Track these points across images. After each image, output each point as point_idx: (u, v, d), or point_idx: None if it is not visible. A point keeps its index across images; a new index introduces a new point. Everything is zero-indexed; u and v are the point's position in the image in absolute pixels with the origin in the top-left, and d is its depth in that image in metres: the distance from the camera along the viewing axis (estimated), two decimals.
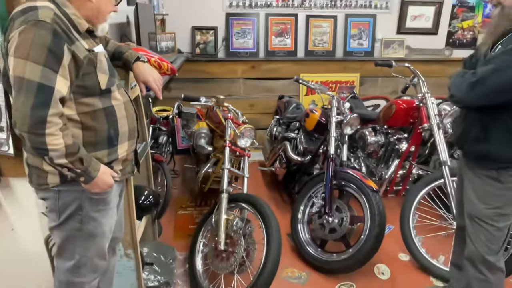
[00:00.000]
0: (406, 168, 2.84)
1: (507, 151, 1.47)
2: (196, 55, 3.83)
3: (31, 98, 1.12)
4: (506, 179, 1.50)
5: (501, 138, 1.48)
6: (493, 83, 1.39)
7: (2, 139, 1.68)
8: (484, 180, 1.57)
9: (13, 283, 2.02)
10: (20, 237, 1.92)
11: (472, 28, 4.04)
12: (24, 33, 1.12)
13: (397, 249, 2.52)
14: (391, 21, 3.95)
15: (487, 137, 1.51)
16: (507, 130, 1.46)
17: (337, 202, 2.35)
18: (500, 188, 1.53)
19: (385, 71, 3.87)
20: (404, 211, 2.40)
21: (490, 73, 1.40)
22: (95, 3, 1.28)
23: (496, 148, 1.49)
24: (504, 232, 1.59)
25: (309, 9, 3.83)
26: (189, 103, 2.71)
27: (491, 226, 1.57)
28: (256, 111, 4.04)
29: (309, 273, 2.30)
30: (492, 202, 1.56)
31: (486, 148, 1.52)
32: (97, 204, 1.38)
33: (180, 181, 3.49)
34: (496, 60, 1.41)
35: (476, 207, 1.61)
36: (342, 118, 2.52)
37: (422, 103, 2.58)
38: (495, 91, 1.41)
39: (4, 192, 1.84)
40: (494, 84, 1.39)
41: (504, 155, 1.48)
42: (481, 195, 1.59)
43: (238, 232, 2.02)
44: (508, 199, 1.54)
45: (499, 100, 1.43)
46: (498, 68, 1.38)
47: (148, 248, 2.20)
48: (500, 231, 1.58)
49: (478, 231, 1.61)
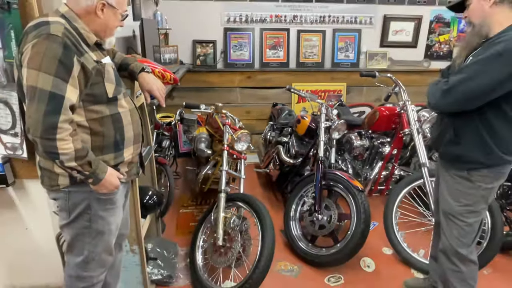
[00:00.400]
0: (389, 169, 2.85)
1: (477, 153, 1.48)
2: (197, 66, 3.83)
3: (43, 106, 1.11)
4: (476, 179, 1.52)
5: (472, 141, 1.49)
6: (463, 90, 1.40)
7: (16, 144, 1.67)
8: (456, 179, 1.58)
9: (27, 277, 2.01)
10: (33, 235, 1.91)
11: (448, 41, 4.08)
12: (36, 46, 1.12)
13: (381, 244, 2.52)
14: (374, 35, 3.98)
15: (460, 140, 1.52)
16: (478, 134, 1.46)
17: (326, 201, 2.35)
18: (470, 187, 1.54)
19: (370, 81, 3.90)
20: (387, 209, 2.40)
21: (461, 81, 1.41)
22: (103, 19, 1.28)
23: (467, 150, 1.50)
24: (474, 228, 1.60)
25: (300, 25, 3.85)
26: (190, 110, 2.71)
27: (462, 222, 1.59)
28: (252, 117, 4.04)
29: (301, 267, 2.29)
30: (463, 200, 1.57)
31: (459, 150, 1.53)
32: (105, 203, 1.37)
33: (182, 182, 3.48)
34: (467, 70, 1.42)
35: (449, 205, 1.62)
36: (331, 123, 2.53)
37: (403, 110, 2.59)
38: (465, 98, 1.41)
39: (18, 193, 1.83)
40: (464, 92, 1.40)
41: (474, 157, 1.49)
42: (454, 193, 1.60)
43: (235, 229, 2.02)
44: (477, 198, 1.55)
45: (470, 106, 1.43)
46: (468, 77, 1.39)
47: (152, 244, 2.18)
48: (470, 226, 1.58)
49: (451, 227, 1.63)
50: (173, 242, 2.36)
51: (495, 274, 2.23)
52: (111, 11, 1.28)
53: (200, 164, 3.04)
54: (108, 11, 1.28)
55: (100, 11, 1.26)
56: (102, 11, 1.26)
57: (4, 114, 1.62)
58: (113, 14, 1.30)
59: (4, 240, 1.91)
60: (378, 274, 2.25)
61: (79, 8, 1.25)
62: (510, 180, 2.35)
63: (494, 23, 1.42)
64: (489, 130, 1.45)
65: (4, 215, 1.86)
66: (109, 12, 1.28)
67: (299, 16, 3.81)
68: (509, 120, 1.43)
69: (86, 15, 1.26)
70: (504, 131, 1.44)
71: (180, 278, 2.15)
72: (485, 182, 1.52)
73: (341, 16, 3.86)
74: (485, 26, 1.44)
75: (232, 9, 3.72)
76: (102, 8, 1.26)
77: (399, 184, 2.44)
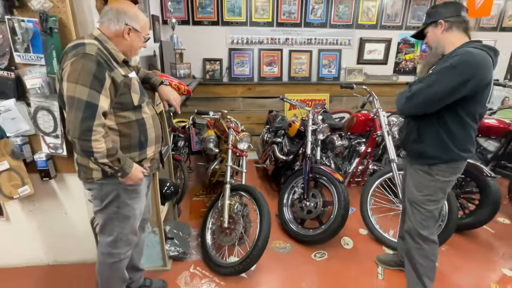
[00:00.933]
0: (364, 164, 2.86)
1: (437, 150, 1.48)
2: (206, 80, 3.83)
3: (81, 113, 1.12)
4: (436, 172, 1.52)
5: (432, 140, 1.49)
6: (423, 96, 1.41)
7: (58, 144, 1.67)
8: (419, 173, 1.58)
9: (67, 254, 2.01)
10: (71, 219, 1.92)
11: (412, 59, 4.08)
12: (75, 63, 1.12)
13: (358, 225, 2.52)
14: (352, 54, 3.97)
15: (422, 140, 1.52)
16: (437, 134, 1.47)
17: (312, 191, 2.35)
18: (430, 180, 1.54)
19: (348, 92, 3.89)
20: (363, 197, 2.41)
21: (421, 88, 1.42)
22: (129, 41, 1.28)
23: (428, 148, 1.50)
24: (434, 214, 1.60)
25: (291, 46, 3.84)
26: (201, 116, 2.71)
27: (424, 209, 1.59)
28: (252, 122, 4.03)
29: (292, 245, 2.30)
30: (424, 191, 1.57)
31: (422, 148, 1.53)
32: (131, 193, 1.38)
33: (194, 175, 3.48)
34: (425, 79, 1.43)
35: (413, 194, 1.62)
36: (316, 127, 2.53)
37: (376, 115, 2.59)
38: (425, 103, 1.42)
39: (59, 185, 1.83)
40: (423, 97, 1.41)
41: (434, 153, 1.49)
42: (417, 185, 1.60)
43: (238, 214, 2.03)
44: (436, 189, 1.55)
45: (429, 110, 1.43)
46: (426, 86, 1.40)
47: (169, 226, 2.19)
48: (430, 212, 1.59)
49: (415, 212, 1.63)
50: (187, 225, 2.36)
51: (451, 250, 2.24)
52: (135, 34, 1.29)
53: (209, 161, 3.04)
54: (133, 35, 1.29)
55: (127, 34, 1.27)
56: (129, 35, 1.27)
57: (47, 119, 1.63)
58: (137, 37, 1.30)
59: (48, 223, 1.92)
60: (355, 250, 2.25)
61: (109, 32, 1.25)
62: (464, 174, 2.36)
63: (447, 44, 1.46)
64: (447, 131, 1.45)
65: (48, 203, 1.86)
66: (134, 35, 1.29)
67: (290, 39, 3.81)
68: (463, 123, 1.43)
69: (115, 38, 1.26)
70: (459, 132, 1.44)
71: (192, 254, 2.15)
72: (443, 176, 1.52)
73: (325, 39, 3.85)
74: (440, 47, 1.48)
75: (235, 33, 3.72)
76: (129, 32, 1.27)
77: (373, 176, 2.45)
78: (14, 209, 1.87)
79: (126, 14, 1.24)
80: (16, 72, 1.55)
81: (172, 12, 3.52)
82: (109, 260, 1.44)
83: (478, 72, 1.32)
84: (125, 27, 1.25)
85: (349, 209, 2.15)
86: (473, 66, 1.32)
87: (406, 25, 3.89)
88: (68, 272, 1.95)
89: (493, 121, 2.73)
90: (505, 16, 3.98)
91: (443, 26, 1.45)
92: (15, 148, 1.65)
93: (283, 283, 1.93)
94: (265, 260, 2.07)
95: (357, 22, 3.80)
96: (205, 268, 2.02)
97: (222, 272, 1.94)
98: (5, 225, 1.90)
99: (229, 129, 2.37)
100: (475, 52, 1.34)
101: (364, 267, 2.07)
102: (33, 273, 1.95)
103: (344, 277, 1.98)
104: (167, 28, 3.47)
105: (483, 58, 1.33)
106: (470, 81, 1.32)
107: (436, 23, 1.47)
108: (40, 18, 1.44)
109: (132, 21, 1.26)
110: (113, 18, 1.23)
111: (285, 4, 3.65)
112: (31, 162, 1.72)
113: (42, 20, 1.44)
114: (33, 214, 1.88)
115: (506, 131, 2.76)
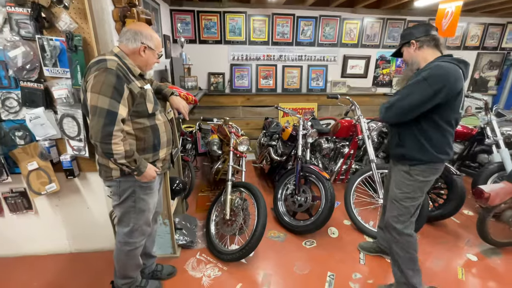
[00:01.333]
0: (348, 164, 2.87)
1: (416, 153, 1.46)
2: (211, 91, 3.83)
3: (102, 120, 1.12)
4: (415, 173, 1.50)
5: (412, 144, 1.47)
6: (399, 107, 1.40)
7: (81, 147, 1.66)
8: (401, 173, 1.55)
9: (88, 243, 1.99)
10: (93, 212, 1.90)
11: (388, 74, 4.11)
12: (97, 76, 1.12)
13: (342, 217, 2.52)
14: (337, 69, 3.99)
15: (404, 143, 1.50)
16: (415, 139, 1.45)
17: (303, 187, 2.35)
18: (410, 179, 1.52)
19: (334, 101, 3.92)
20: (347, 192, 2.41)
21: (396, 100, 1.41)
22: (144, 57, 1.29)
23: (409, 151, 1.48)
24: (410, 210, 1.55)
25: (284, 62, 3.86)
26: (206, 123, 2.71)
27: (400, 205, 1.56)
28: (250, 127, 4.03)
29: (285, 234, 2.29)
30: (403, 189, 1.54)
31: (403, 151, 1.51)
32: (145, 189, 1.37)
33: (200, 173, 3.46)
34: (401, 91, 1.42)
35: (393, 192, 1.60)
36: (306, 132, 2.54)
37: (358, 122, 2.60)
38: (400, 113, 1.40)
39: (82, 182, 1.82)
40: (399, 108, 1.39)
41: (414, 155, 1.47)
42: (398, 183, 1.57)
43: (238, 207, 2.02)
44: (415, 188, 1.51)
45: (404, 118, 1.42)
46: (401, 98, 1.39)
47: (178, 218, 2.17)
48: (406, 208, 1.55)
49: (392, 208, 1.60)
50: (194, 217, 2.35)
51: (423, 239, 2.24)
52: (150, 52, 1.29)
53: (213, 161, 3.04)
54: (148, 52, 1.29)
55: (143, 51, 1.27)
56: (144, 52, 1.27)
57: (72, 125, 1.62)
58: (152, 54, 1.31)
59: (72, 216, 1.90)
60: (340, 239, 2.25)
61: (127, 49, 1.26)
62: None
63: (421, 60, 1.46)
64: (425, 136, 1.43)
65: (72, 198, 1.84)
66: (149, 52, 1.29)
67: (283, 56, 3.82)
68: (439, 127, 1.41)
69: (133, 54, 1.27)
70: (436, 136, 1.42)
71: (199, 243, 2.14)
72: (423, 176, 1.48)
73: (313, 56, 3.87)
74: (414, 63, 1.48)
75: (236, 50, 3.73)
76: (144, 50, 1.27)
77: (355, 174, 2.45)
78: (42, 204, 1.85)
79: (142, 34, 1.25)
80: (45, 84, 1.54)
81: (181, 32, 3.52)
82: (125, 248, 1.42)
83: (448, 82, 1.30)
84: (141, 45, 1.25)
85: (334, 203, 2.15)
86: (442, 77, 1.30)
87: (383, 44, 3.93)
88: (89, 258, 1.93)
89: (458, 127, 2.75)
90: (468, 37, 4.03)
91: (415, 45, 1.45)
92: (43, 150, 1.64)
93: (277, 267, 1.92)
94: (262, 247, 2.06)
95: (341, 41, 3.83)
96: (209, 255, 2.01)
97: (225, 258, 1.93)
98: (34, 217, 1.88)
99: (231, 133, 2.37)
100: (445, 65, 1.33)
101: (348, 253, 2.07)
102: (59, 260, 1.93)
103: (330, 262, 1.98)
104: (177, 46, 3.47)
105: (452, 70, 1.32)
106: (442, 91, 1.30)
107: (409, 43, 1.47)
108: (67, 37, 1.44)
109: (147, 40, 1.26)
110: (130, 37, 1.24)
111: (279, 26, 3.67)
112: (57, 162, 1.70)
113: (68, 39, 1.44)
114: (58, 208, 1.87)
115: (469, 135, 2.78)
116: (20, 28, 1.45)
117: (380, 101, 4.12)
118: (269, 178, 3.23)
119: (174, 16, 3.49)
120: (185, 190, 2.07)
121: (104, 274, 1.78)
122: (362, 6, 3.54)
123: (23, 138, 1.63)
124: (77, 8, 1.44)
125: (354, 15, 3.72)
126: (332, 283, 1.79)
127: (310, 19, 3.68)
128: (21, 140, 1.63)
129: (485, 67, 4.21)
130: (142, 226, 1.42)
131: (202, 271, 1.87)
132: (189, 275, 1.83)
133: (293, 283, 1.79)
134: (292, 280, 1.81)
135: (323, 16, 3.68)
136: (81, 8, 1.44)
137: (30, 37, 1.46)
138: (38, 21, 1.41)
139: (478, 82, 4.25)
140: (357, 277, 1.84)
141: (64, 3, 1.38)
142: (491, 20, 3.97)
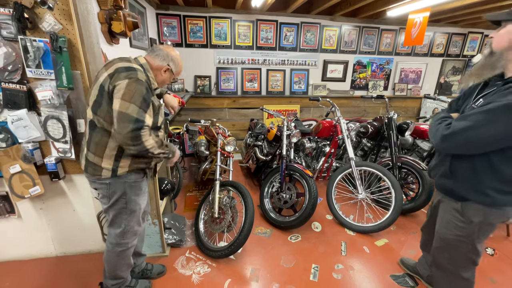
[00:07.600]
0: (329, 162, 2.92)
1: (469, 191, 1.12)
2: (198, 93, 3.78)
3: (131, 125, 1.13)
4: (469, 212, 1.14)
5: (464, 177, 1.12)
6: (464, 138, 1.01)
7: (67, 149, 1.59)
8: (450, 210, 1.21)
9: (75, 246, 1.91)
10: (79, 214, 1.82)
11: (365, 78, 4.25)
12: (129, 86, 1.13)
13: (325, 212, 2.57)
14: (318, 73, 4.07)
15: (454, 175, 1.15)
16: (473, 172, 1.08)
17: (288, 185, 2.37)
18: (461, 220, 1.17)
19: (315, 103, 4.03)
20: (328, 189, 2.45)
21: (462, 129, 1.00)
22: (163, 77, 1.35)
23: (459, 186, 1.14)
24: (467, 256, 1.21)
25: (268, 65, 3.88)
26: (193, 124, 2.68)
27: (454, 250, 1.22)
28: (236, 128, 4.02)
29: (272, 230, 2.30)
30: (453, 230, 1.20)
31: (451, 184, 1.16)
32: (136, 190, 1.34)
33: (188, 174, 3.41)
34: (471, 118, 0.99)
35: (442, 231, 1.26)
36: (290, 132, 2.56)
37: (338, 123, 2.65)
38: (465, 146, 1.02)
39: (68, 184, 1.74)
40: (468, 139, 1.00)
41: (466, 195, 1.13)
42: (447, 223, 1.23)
43: (227, 205, 2.01)
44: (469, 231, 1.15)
45: (467, 152, 1.06)
46: (473, 126, 0.97)
47: (167, 218, 2.13)
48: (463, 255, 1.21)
49: (443, 249, 1.27)
50: (182, 216, 2.31)
51: (397, 229, 2.33)
52: (170, 74, 1.36)
53: (201, 161, 3.00)
54: (169, 73, 1.35)
55: (164, 71, 1.33)
56: (165, 72, 1.34)
57: (57, 127, 1.54)
58: (170, 76, 1.37)
59: (57, 219, 1.81)
60: (323, 232, 2.29)
61: (153, 64, 1.31)
62: (405, 168, 2.48)
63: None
64: (493, 171, 1.03)
65: (58, 201, 1.76)
66: (169, 74, 1.36)
67: (267, 60, 3.85)
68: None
69: (155, 70, 1.32)
70: (510, 171, 1.01)
71: (188, 241, 2.10)
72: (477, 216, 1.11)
73: (295, 60, 3.93)
74: (502, 60, 1.00)
75: (222, 54, 3.71)
76: (166, 70, 1.33)
77: (336, 172, 2.50)
78: (25, 207, 1.75)
79: (172, 58, 1.34)
80: (28, 85, 1.46)
81: (167, 36, 3.46)
82: (118, 249, 1.38)
83: None
84: (166, 66, 1.32)
85: (317, 199, 2.18)
86: None
87: (360, 50, 4.05)
88: (75, 262, 1.85)
89: (426, 126, 2.89)
90: (434, 45, 4.26)
91: None
92: (27, 152, 1.55)
93: (265, 262, 1.93)
94: (249, 243, 2.07)
95: (321, 47, 3.91)
96: (198, 253, 1.98)
97: (214, 255, 1.91)
98: (17, 222, 1.77)
99: (218, 134, 2.36)
100: None
101: (330, 246, 2.10)
102: (44, 264, 1.82)
103: (314, 255, 2.01)
104: None
105: None
106: None
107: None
108: (51, 38, 1.37)
109: (173, 64, 1.34)
110: (162, 55, 1.31)
111: (263, 32, 3.70)
112: (41, 165, 1.62)
113: (53, 40, 1.37)
114: (43, 211, 1.77)
115: None
116: (2, 28, 1.36)
117: (358, 103, 4.25)
118: (255, 177, 3.24)
119: (160, 19, 3.42)
120: (173, 190, 2.03)
121: (91, 276, 1.71)
122: (340, 14, 3.64)
123: (4, 140, 1.53)
124: (61, 10, 1.38)
125: (333, 22, 3.82)
126: (317, 274, 1.82)
127: (292, 26, 3.73)
128: (3, 142, 1.53)
129: (449, 73, 4.47)
130: (134, 227, 1.39)
131: (192, 268, 1.84)
132: (179, 273, 1.79)
133: (280, 276, 1.80)
134: (279, 273, 1.82)
135: (304, 23, 3.74)
136: (66, 9, 1.38)
137: (12, 37, 1.38)
138: (20, 21, 1.34)
139: (443, 86, 4.50)
140: (339, 268, 1.89)
141: (49, 4, 1.31)
142: (454, 30, 4.22)
